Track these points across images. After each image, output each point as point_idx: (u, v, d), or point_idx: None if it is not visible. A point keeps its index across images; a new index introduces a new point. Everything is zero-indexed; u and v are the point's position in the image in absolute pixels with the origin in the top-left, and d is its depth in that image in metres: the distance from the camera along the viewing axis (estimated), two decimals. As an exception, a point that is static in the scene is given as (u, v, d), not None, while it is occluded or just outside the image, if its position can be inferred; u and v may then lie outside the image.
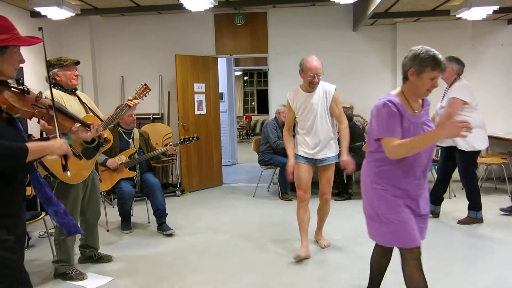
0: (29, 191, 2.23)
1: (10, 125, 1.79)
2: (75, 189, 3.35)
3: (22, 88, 1.83)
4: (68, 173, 1.90)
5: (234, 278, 3.40)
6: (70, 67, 3.33)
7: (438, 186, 4.80)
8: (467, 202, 4.59)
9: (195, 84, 6.71)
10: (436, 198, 4.75)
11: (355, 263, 3.61)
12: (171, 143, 4.88)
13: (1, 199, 1.76)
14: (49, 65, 3.30)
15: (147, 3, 6.05)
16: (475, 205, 4.52)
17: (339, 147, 3.76)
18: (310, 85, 3.62)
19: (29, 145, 1.72)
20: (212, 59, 6.99)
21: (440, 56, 2.23)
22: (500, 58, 6.64)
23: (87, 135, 2.19)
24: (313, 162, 3.77)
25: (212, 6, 5.19)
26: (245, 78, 18.19)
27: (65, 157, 1.87)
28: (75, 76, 3.38)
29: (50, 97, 1.92)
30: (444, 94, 4.50)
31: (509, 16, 6.46)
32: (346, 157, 3.59)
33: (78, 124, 2.14)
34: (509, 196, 5.19)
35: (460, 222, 4.56)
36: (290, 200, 5.91)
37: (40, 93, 1.90)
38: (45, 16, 5.33)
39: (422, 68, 2.21)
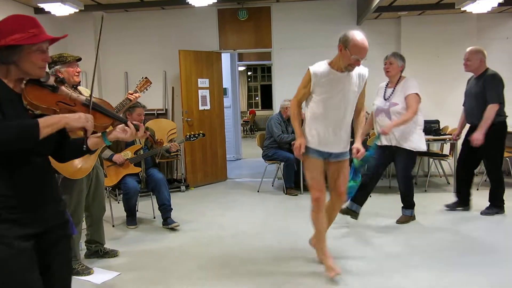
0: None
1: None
2: (79, 184, 3.37)
3: (51, 85, 1.79)
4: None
5: (239, 273, 3.41)
6: (72, 63, 3.34)
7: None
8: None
9: (199, 80, 6.71)
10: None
11: (365, 254, 3.61)
12: (175, 139, 4.89)
13: (7, 188, 1.64)
14: (51, 62, 3.32)
15: (151, -2, 6.05)
16: (410, 204, 4.44)
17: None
18: (348, 68, 3.02)
19: (40, 120, 1.60)
20: (216, 54, 6.98)
21: None
22: (505, 51, 6.59)
23: (129, 135, 1.91)
24: (326, 157, 3.26)
25: (215, 1, 5.18)
26: (249, 73, 18.16)
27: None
28: (77, 72, 3.38)
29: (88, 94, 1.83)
30: (385, 91, 4.37)
31: (514, 9, 6.42)
32: (359, 145, 3.22)
33: (115, 122, 1.94)
34: (454, 193, 5.12)
35: (399, 221, 4.46)
36: (295, 195, 5.91)
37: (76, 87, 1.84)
38: (48, 12, 5.34)
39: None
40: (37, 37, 1.71)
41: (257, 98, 18.52)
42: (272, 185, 6.51)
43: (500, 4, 5.26)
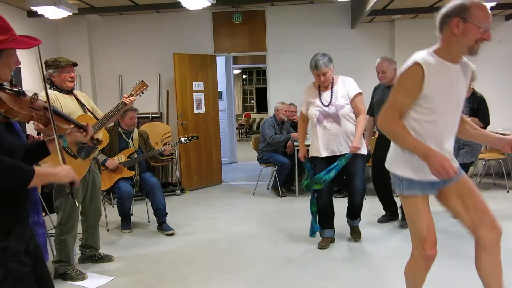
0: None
1: (8, 129, 1.69)
2: (74, 189, 3.34)
3: (17, 90, 1.72)
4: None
5: (234, 277, 3.40)
6: (66, 68, 3.31)
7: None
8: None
9: (194, 83, 6.71)
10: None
11: (358, 259, 3.61)
12: (169, 143, 4.87)
13: (8, 207, 1.62)
14: (46, 65, 3.30)
15: (145, 1, 6.03)
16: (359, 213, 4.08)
17: None
18: (473, 48, 2.11)
19: (37, 169, 1.60)
20: (211, 57, 6.98)
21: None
22: (498, 54, 6.63)
23: (83, 136, 2.08)
24: (438, 186, 2.22)
25: (210, 4, 5.18)
26: (244, 76, 18.18)
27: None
28: (70, 78, 3.35)
29: (45, 99, 1.84)
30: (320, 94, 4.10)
31: (506, 12, 6.46)
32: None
33: (72, 126, 2.05)
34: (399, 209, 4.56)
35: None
36: (284, 196, 6.00)
37: (36, 94, 1.79)
38: (42, 15, 5.32)
39: None
40: (18, 40, 1.64)
41: (252, 101, 18.54)
42: (268, 188, 6.51)
43: (492, 8, 5.31)
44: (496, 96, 6.58)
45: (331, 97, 3.77)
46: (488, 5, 5.03)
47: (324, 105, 3.75)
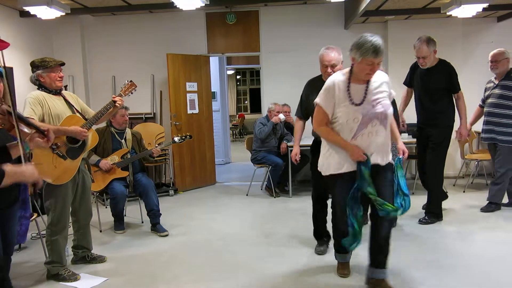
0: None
1: None
2: (63, 189, 3.33)
3: None
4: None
5: (227, 277, 3.39)
6: (54, 68, 3.29)
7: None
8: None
9: (187, 83, 6.69)
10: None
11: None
12: (159, 144, 4.84)
13: None
14: (33, 66, 3.29)
15: (138, 2, 6.01)
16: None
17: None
18: None
19: (7, 168, 1.71)
20: (204, 58, 6.97)
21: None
22: (490, 55, 6.69)
23: (44, 142, 2.07)
24: None
25: (203, 4, 5.17)
26: (238, 77, 18.17)
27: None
28: (60, 77, 3.33)
29: (9, 104, 1.87)
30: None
31: (498, 14, 6.51)
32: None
33: (33, 131, 2.06)
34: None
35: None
36: (278, 196, 5.99)
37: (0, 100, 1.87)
38: (34, 15, 5.29)
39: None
40: None
41: (246, 102, 18.53)
42: (261, 189, 6.51)
43: (484, 9, 5.35)
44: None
45: (373, 93, 2.82)
46: (481, 6, 5.07)
47: (367, 104, 2.78)
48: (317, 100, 2.91)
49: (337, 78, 2.89)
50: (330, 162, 2.92)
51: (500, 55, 4.62)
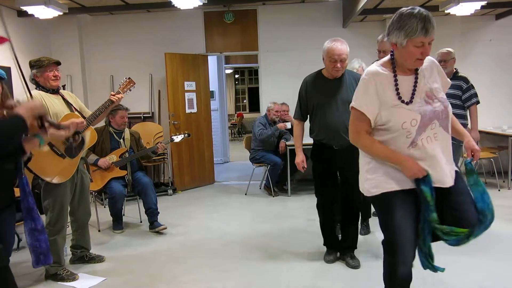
0: (17, 192, 2.20)
1: None
2: (62, 189, 3.32)
3: None
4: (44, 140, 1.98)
5: (226, 276, 3.39)
6: (48, 67, 3.28)
7: None
8: None
9: (186, 83, 6.68)
10: None
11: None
12: (161, 142, 4.86)
13: None
14: (30, 66, 3.30)
15: (136, 1, 6.01)
16: None
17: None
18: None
19: (20, 110, 1.76)
20: (202, 57, 6.96)
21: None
22: (488, 53, 6.69)
23: (62, 131, 2.13)
24: None
25: (201, 3, 5.17)
26: (236, 76, 18.16)
27: (41, 118, 1.91)
28: (54, 77, 3.31)
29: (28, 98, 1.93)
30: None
31: (496, 11, 6.52)
32: None
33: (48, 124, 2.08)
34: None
35: None
36: (276, 196, 5.98)
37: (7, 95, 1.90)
38: (32, 15, 5.28)
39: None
40: None
41: (244, 101, 18.53)
42: (260, 188, 6.50)
43: (483, 7, 5.35)
44: (487, 95, 6.61)
45: (426, 85, 2.18)
46: (479, 4, 5.07)
47: (421, 101, 2.13)
48: (354, 103, 2.19)
49: (376, 72, 2.18)
50: (380, 178, 2.17)
51: (447, 54, 4.49)
